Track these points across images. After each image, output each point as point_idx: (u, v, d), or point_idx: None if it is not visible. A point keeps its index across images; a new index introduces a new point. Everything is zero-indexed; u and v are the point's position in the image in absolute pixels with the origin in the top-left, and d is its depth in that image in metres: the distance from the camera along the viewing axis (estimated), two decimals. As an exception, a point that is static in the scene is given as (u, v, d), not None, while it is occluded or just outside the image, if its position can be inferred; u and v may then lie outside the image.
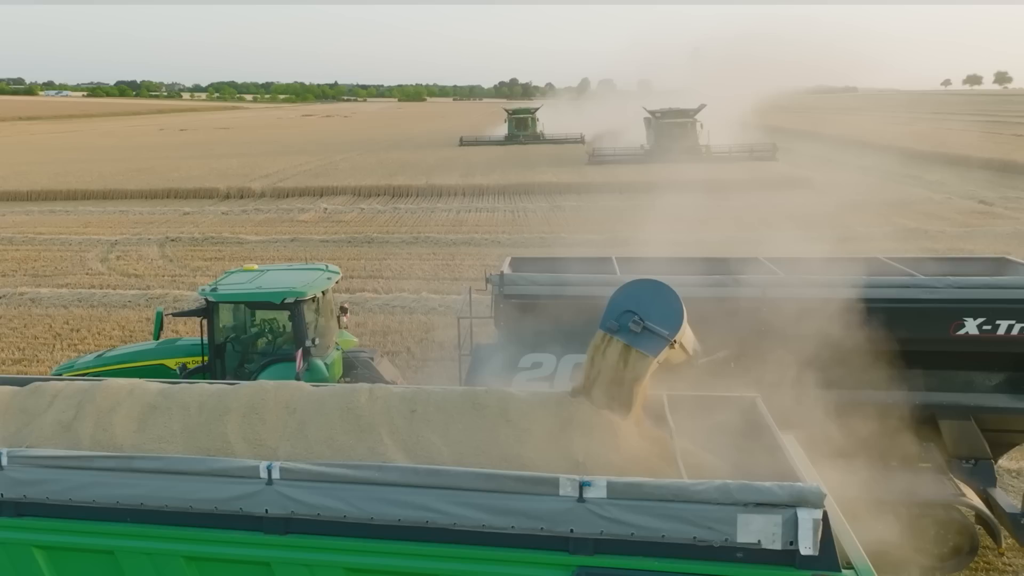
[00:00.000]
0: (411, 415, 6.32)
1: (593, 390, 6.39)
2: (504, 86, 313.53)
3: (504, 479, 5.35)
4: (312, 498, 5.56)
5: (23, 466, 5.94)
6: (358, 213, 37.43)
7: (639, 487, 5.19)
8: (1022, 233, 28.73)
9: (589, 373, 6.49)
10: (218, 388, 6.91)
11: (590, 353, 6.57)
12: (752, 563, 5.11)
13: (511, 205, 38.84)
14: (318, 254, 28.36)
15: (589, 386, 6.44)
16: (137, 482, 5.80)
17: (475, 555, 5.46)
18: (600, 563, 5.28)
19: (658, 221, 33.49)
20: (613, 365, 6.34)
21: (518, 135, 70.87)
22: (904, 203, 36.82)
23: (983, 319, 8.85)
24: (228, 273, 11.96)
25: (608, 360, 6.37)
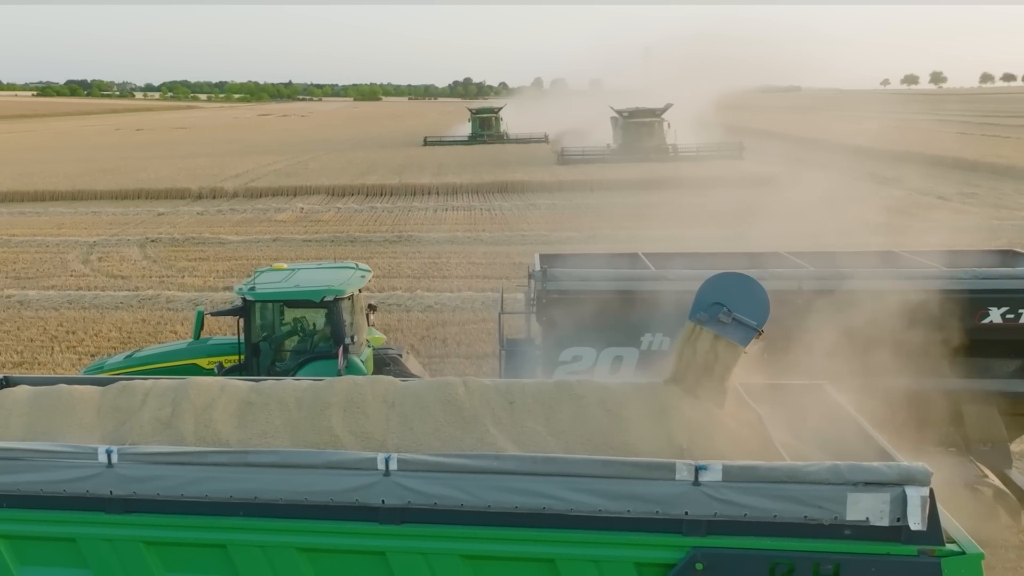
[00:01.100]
0: (510, 406, 6.48)
1: (686, 379, 6.62)
2: (459, 85, 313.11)
3: (622, 465, 5.54)
4: (429, 488, 5.69)
5: (134, 463, 5.98)
6: (335, 212, 37.30)
7: (753, 470, 5.42)
8: (983, 226, 29.56)
9: (679, 363, 6.72)
10: (309, 384, 7.01)
11: (680, 343, 6.79)
12: (859, 540, 5.36)
13: (486, 204, 39.00)
14: (302, 254, 28.28)
15: (681, 375, 6.66)
16: (251, 476, 5.88)
17: (590, 539, 5.63)
18: (713, 543, 5.50)
19: (635, 219, 34.06)
20: (704, 355, 6.57)
21: (482, 135, 70.61)
22: (865, 199, 37.58)
23: (1007, 308, 9.26)
24: (259, 272, 11.98)
25: (698, 350, 6.61)
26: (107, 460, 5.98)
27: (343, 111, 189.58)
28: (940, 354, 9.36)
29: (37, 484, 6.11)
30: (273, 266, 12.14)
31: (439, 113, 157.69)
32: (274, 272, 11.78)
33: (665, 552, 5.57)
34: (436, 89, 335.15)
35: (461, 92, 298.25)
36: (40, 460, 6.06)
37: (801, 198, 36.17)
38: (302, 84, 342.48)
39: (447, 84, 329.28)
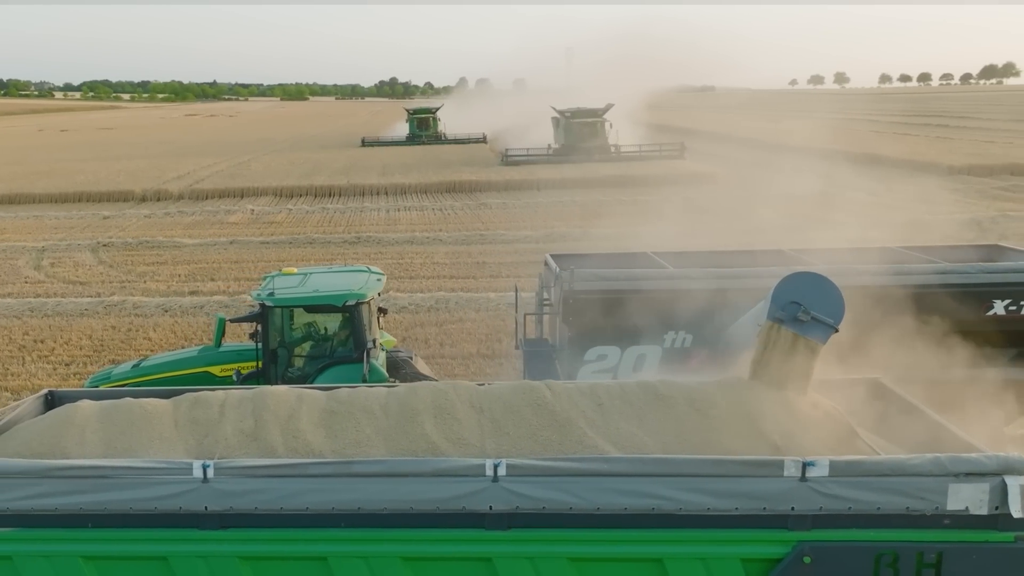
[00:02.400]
0: (600, 408, 6.47)
1: (768, 377, 6.72)
2: (385, 85, 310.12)
3: (731, 464, 5.60)
4: (538, 492, 5.66)
5: (232, 477, 5.80)
6: (287, 214, 36.66)
7: (859, 464, 5.54)
8: (917, 222, 30.47)
9: (761, 361, 6.81)
10: (388, 390, 6.89)
11: (760, 342, 6.88)
12: (958, 528, 5.54)
13: (437, 204, 38.81)
14: (262, 256, 27.76)
15: (763, 373, 6.77)
16: (355, 486, 5.76)
17: (698, 538, 5.69)
18: (818, 537, 5.61)
19: (587, 216, 34.31)
20: (784, 353, 6.68)
21: (420, 135, 69.67)
22: (802, 195, 38.54)
23: (1010, 300, 9.64)
24: (269, 277, 11.66)
25: (779, 349, 6.71)
26: (203, 475, 5.79)
27: (271, 111, 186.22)
28: (952, 344, 9.67)
29: (126, 502, 5.88)
30: (283, 271, 11.84)
31: (369, 113, 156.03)
32: (287, 277, 11.49)
33: (771, 547, 5.66)
34: (362, 89, 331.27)
35: (388, 92, 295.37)
36: (131, 477, 5.84)
37: (742, 195, 36.99)
38: (227, 84, 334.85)
39: (373, 84, 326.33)
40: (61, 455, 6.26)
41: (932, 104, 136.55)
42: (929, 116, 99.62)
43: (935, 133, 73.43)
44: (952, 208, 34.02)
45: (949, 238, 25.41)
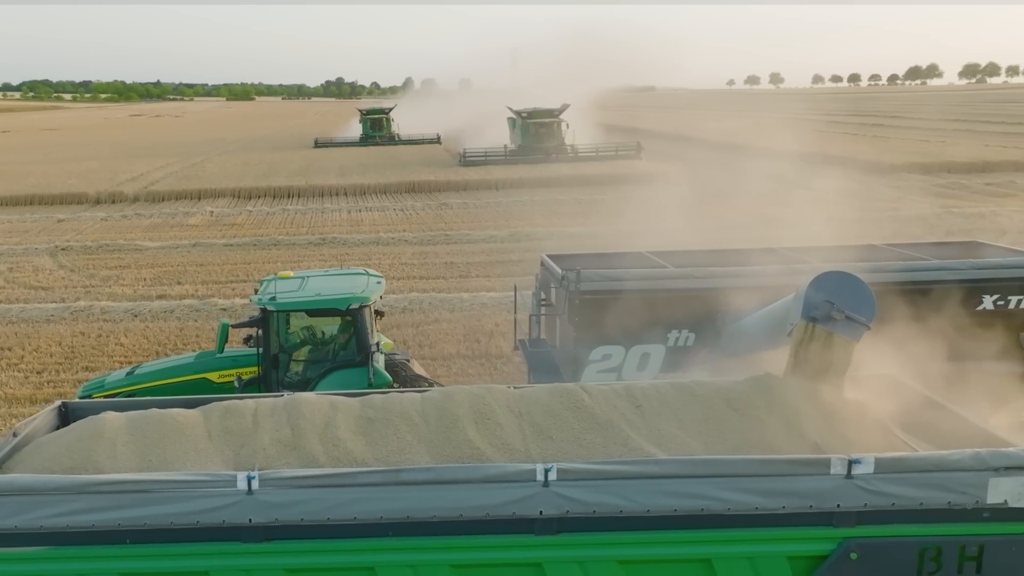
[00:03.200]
0: (638, 410, 6.43)
1: (805, 374, 6.75)
2: (332, 85, 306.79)
3: (779, 463, 5.61)
4: (589, 496, 5.60)
5: (277, 488, 5.63)
6: (247, 215, 36.02)
7: (903, 461, 5.60)
8: (868, 219, 31.18)
9: (797, 359, 6.84)
10: (423, 396, 6.75)
11: (795, 341, 6.92)
12: (997, 521, 5.62)
13: (397, 204, 38.49)
14: (228, 258, 27.23)
15: (799, 371, 6.79)
16: (404, 494, 5.63)
17: (745, 537, 5.68)
18: (863, 533, 5.65)
19: (549, 216, 34.33)
20: (819, 351, 6.73)
21: (373, 136, 68.67)
22: (750, 194, 39.02)
23: (998, 295, 9.87)
24: (266, 281, 11.38)
25: (814, 347, 6.76)
26: (247, 487, 5.62)
27: (217, 111, 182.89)
28: (944, 338, 9.84)
29: (167, 517, 5.67)
30: (279, 274, 11.54)
31: (316, 113, 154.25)
32: (285, 280, 11.21)
33: (817, 544, 5.69)
34: (309, 89, 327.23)
35: (335, 92, 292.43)
36: (173, 491, 5.63)
37: (697, 194, 37.32)
38: (171, 83, 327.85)
39: (320, 84, 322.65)
40: (93, 469, 6.02)
41: (865, 104, 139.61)
42: (864, 116, 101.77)
43: (872, 132, 75.02)
44: (898, 205, 34.81)
45: (899, 234, 26.05)
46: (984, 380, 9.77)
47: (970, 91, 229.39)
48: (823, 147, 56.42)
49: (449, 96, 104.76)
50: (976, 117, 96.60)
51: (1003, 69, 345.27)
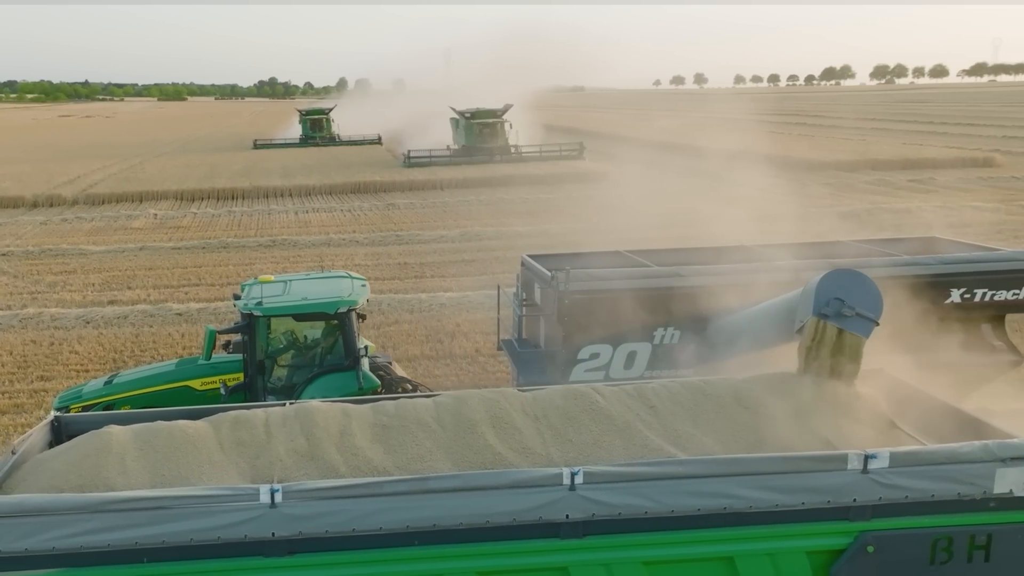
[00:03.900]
0: (653, 411, 6.41)
1: (817, 371, 6.82)
2: (265, 85, 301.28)
3: (800, 460, 5.64)
4: (614, 498, 5.55)
5: (301, 500, 5.44)
6: (192, 218, 35.13)
7: (916, 455, 5.68)
8: (805, 215, 31.74)
9: (808, 356, 6.90)
10: (434, 401, 6.62)
11: (807, 338, 6.98)
12: (1003, 510, 5.75)
13: (344, 205, 37.98)
14: (177, 262, 26.52)
15: (811, 368, 6.86)
16: (431, 502, 5.50)
17: (766, 534, 5.70)
18: (878, 526, 5.72)
19: (496, 215, 34.27)
20: (831, 347, 6.80)
21: (313, 136, 67.31)
22: (690, 192, 39.45)
23: (964, 289, 10.14)
24: (248, 286, 10.99)
25: (825, 343, 6.83)
26: (270, 500, 5.42)
27: (149, 111, 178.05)
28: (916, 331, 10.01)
29: (187, 533, 5.43)
30: (260, 279, 11.19)
31: (251, 114, 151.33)
32: (267, 285, 10.86)
33: (834, 539, 5.74)
34: (242, 89, 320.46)
35: (268, 92, 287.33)
36: (193, 507, 5.40)
37: (638, 192, 37.65)
38: (100, 83, 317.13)
39: (253, 84, 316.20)
40: (104, 487, 5.75)
41: (786, 104, 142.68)
42: (787, 115, 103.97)
43: (797, 131, 76.75)
44: (830, 201, 35.66)
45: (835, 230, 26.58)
46: (951, 371, 10.05)
47: (881, 91, 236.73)
48: (754, 145, 57.38)
49: (384, 96, 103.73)
50: (890, 116, 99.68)
51: (910, 70, 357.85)
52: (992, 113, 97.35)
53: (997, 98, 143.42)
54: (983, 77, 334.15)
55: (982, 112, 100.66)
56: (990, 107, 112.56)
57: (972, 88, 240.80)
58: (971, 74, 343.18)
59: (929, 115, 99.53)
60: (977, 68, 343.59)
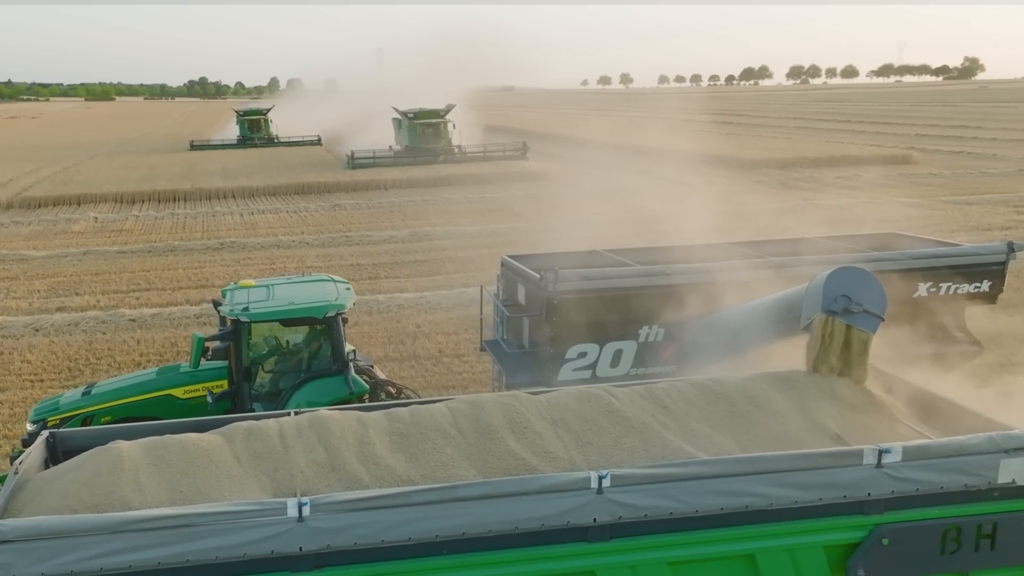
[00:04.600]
0: (667, 411, 6.37)
1: (826, 367, 6.88)
2: (195, 85, 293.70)
3: (817, 457, 5.67)
4: (641, 500, 5.51)
5: (329, 513, 5.25)
6: (134, 221, 34.03)
7: (927, 448, 5.77)
8: (744, 212, 32.31)
9: (818, 353, 6.96)
10: (448, 407, 6.46)
11: (816, 335, 7.02)
12: (1006, 499, 5.88)
13: (289, 206, 37.25)
14: (124, 266, 25.67)
15: (820, 364, 6.91)
16: (460, 511, 5.37)
17: (785, 530, 5.72)
18: (891, 519, 5.79)
19: (443, 215, 34.02)
20: (840, 344, 6.87)
21: (252, 137, 65.57)
22: (632, 190, 39.80)
23: (931, 283, 10.39)
24: (229, 291, 10.57)
25: (834, 340, 6.90)
26: (298, 513, 5.22)
27: (77, 112, 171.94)
28: None
29: (212, 551, 5.20)
30: (240, 283, 10.80)
31: (183, 114, 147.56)
32: (249, 290, 10.47)
33: (850, 533, 5.79)
34: (171, 89, 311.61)
35: (199, 92, 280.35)
36: (218, 523, 5.16)
37: (580, 192, 37.86)
38: (24, 83, 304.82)
39: (183, 83, 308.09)
40: (120, 505, 5.47)
41: (710, 103, 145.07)
42: (713, 114, 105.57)
43: (724, 130, 78.06)
44: (765, 198, 36.34)
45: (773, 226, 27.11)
46: (918, 363, 10.30)
47: (798, 91, 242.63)
48: (686, 144, 58.23)
49: (316, 96, 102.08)
50: (810, 115, 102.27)
51: (823, 71, 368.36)
52: (903, 112, 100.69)
53: (904, 98, 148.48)
54: (890, 77, 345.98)
55: (893, 111, 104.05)
56: (899, 106, 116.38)
57: (880, 88, 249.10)
58: (879, 75, 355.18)
59: (845, 114, 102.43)
60: (884, 69, 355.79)
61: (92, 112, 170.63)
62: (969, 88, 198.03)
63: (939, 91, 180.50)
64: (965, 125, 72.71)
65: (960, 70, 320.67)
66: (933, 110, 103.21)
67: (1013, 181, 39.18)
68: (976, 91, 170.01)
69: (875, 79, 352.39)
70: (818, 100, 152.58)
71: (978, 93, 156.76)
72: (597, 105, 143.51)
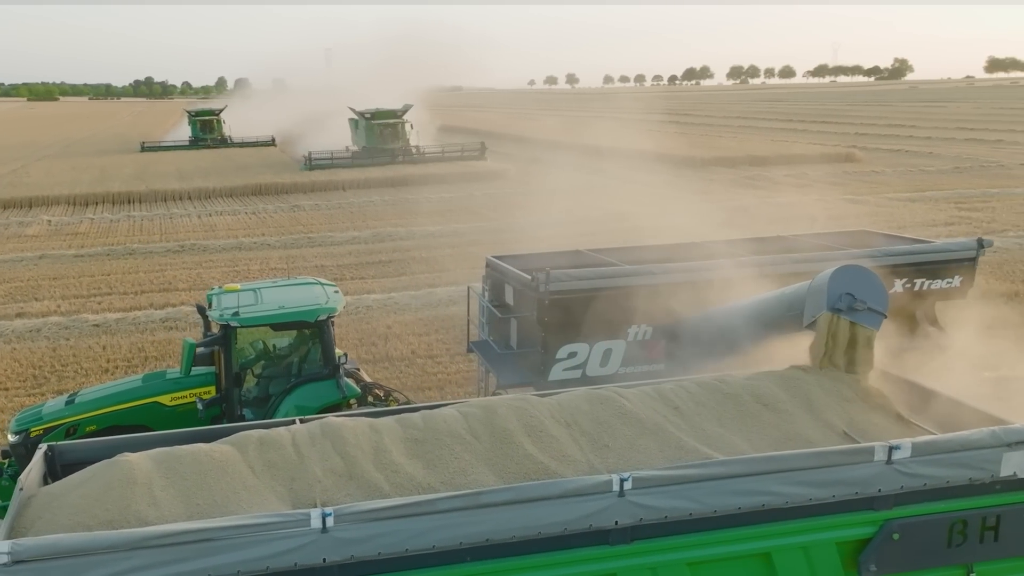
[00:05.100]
0: (677, 412, 6.34)
1: (833, 364, 6.93)
2: (141, 84, 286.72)
3: (831, 455, 5.69)
4: (661, 502, 5.48)
5: (353, 523, 5.11)
6: (90, 223, 33.09)
7: (934, 443, 5.83)
8: (699, 210, 32.58)
9: (825, 349, 7.00)
10: (459, 412, 6.34)
11: (822, 332, 7.07)
12: (1008, 492, 5.99)
13: (247, 208, 36.58)
14: (83, 270, 24.92)
15: (828, 360, 6.96)
16: (484, 517, 5.27)
17: (799, 528, 5.73)
18: (900, 514, 5.85)
19: (403, 215, 33.74)
20: (845, 340, 6.93)
21: (204, 138, 64.07)
22: (591, 189, 39.96)
23: (906, 279, 10.57)
24: (215, 296, 10.21)
25: (840, 337, 6.95)
26: (321, 524, 5.07)
27: (20, 112, 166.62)
28: None
29: (234, 566, 5.02)
30: (225, 288, 10.49)
31: (130, 114, 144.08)
32: (237, 294, 10.16)
33: (861, 529, 5.84)
34: (117, 89, 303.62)
35: (145, 92, 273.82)
36: (240, 537, 4.99)
37: (537, 191, 37.82)
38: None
39: (129, 83, 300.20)
40: (136, 520, 5.26)
41: (657, 103, 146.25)
42: (660, 114, 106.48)
43: (672, 129, 78.74)
44: (719, 197, 36.75)
45: (728, 223, 27.43)
46: (893, 357, 10.47)
47: (738, 91, 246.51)
48: (638, 144, 58.67)
49: (265, 96, 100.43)
50: (752, 114, 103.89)
51: (762, 71, 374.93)
52: (841, 112, 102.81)
53: (840, 97, 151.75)
54: (825, 78, 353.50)
55: (831, 111, 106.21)
56: (837, 106, 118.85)
57: (817, 88, 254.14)
58: (815, 75, 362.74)
59: (786, 113, 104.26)
60: (820, 69, 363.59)
61: (36, 112, 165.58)
62: (900, 88, 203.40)
63: (872, 91, 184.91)
64: (901, 124, 74.58)
65: (891, 71, 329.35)
66: (869, 109, 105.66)
67: (950, 178, 40.26)
68: (907, 91, 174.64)
69: (811, 79, 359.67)
70: (759, 100, 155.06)
71: (909, 93, 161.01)
72: (545, 105, 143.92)
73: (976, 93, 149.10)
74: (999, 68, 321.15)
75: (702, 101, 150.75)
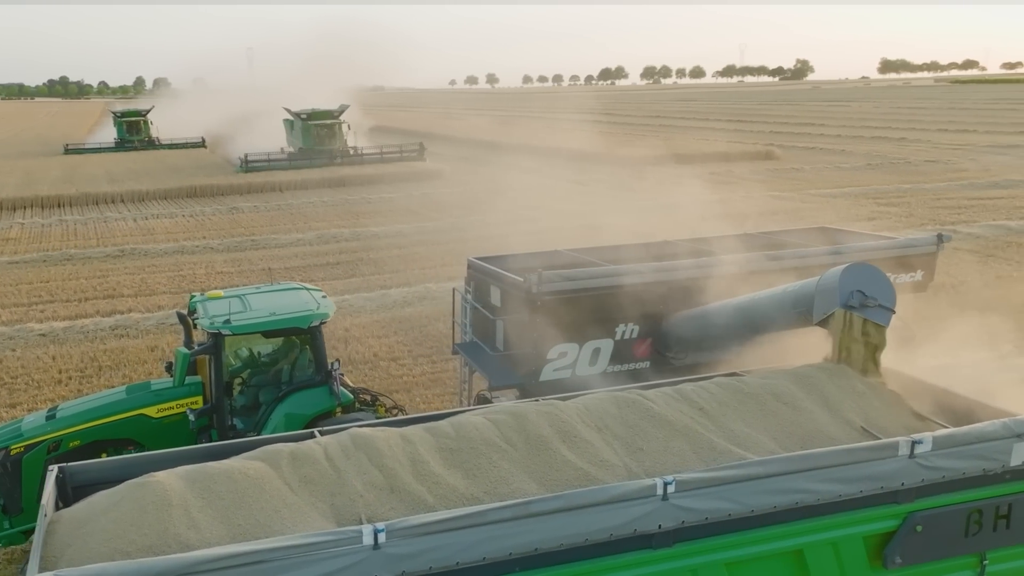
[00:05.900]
0: (702, 412, 6.29)
1: (849, 360, 6.98)
2: (56, 84, 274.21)
3: (859, 451, 5.74)
4: (702, 504, 5.43)
5: (405, 538, 4.90)
6: (20, 229, 31.45)
7: (953, 437, 5.93)
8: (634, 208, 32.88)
9: (840, 347, 7.05)
10: (485, 419, 6.13)
11: (837, 329, 7.12)
12: (1016, 481, 6.15)
13: (184, 210, 35.34)
14: (20, 278, 23.68)
15: (843, 357, 7.01)
16: (533, 527, 5.12)
17: (829, 524, 5.76)
18: (921, 507, 5.94)
19: (346, 216, 33.11)
20: (859, 337, 7.00)
21: (131, 140, 61.40)
22: (527, 188, 39.83)
23: None
24: (200, 303, 9.72)
25: (854, 333, 7.01)
26: (373, 541, 4.85)
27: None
28: None
29: None
30: (208, 295, 10.00)
31: (46, 115, 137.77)
32: (222, 301, 9.70)
33: (885, 522, 5.91)
34: (30, 88, 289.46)
35: (60, 92, 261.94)
36: (292, 557, 4.73)
37: (476, 191, 37.61)
38: None
39: (43, 83, 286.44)
40: (178, 545, 4.94)
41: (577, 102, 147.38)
42: (581, 113, 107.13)
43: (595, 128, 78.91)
44: (652, 195, 36.93)
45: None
46: None
47: (652, 90, 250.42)
48: (565, 143, 58.91)
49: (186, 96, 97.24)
50: (669, 113, 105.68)
51: (674, 71, 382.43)
52: (752, 111, 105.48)
53: (749, 97, 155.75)
54: (733, 78, 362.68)
55: (743, 110, 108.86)
56: (747, 105, 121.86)
57: (726, 88, 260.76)
58: (723, 75, 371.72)
59: (702, 112, 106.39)
60: (728, 70, 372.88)
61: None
62: (804, 88, 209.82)
63: (778, 91, 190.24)
64: (810, 123, 76.87)
65: (793, 71, 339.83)
66: (778, 108, 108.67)
67: (865, 175, 41.67)
68: (811, 91, 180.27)
69: (720, 79, 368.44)
70: (672, 99, 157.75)
71: (813, 93, 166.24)
72: (467, 104, 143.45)
73: (874, 93, 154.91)
74: (891, 69, 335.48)
75: (620, 101, 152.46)
